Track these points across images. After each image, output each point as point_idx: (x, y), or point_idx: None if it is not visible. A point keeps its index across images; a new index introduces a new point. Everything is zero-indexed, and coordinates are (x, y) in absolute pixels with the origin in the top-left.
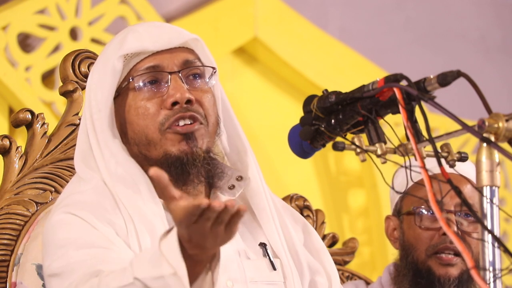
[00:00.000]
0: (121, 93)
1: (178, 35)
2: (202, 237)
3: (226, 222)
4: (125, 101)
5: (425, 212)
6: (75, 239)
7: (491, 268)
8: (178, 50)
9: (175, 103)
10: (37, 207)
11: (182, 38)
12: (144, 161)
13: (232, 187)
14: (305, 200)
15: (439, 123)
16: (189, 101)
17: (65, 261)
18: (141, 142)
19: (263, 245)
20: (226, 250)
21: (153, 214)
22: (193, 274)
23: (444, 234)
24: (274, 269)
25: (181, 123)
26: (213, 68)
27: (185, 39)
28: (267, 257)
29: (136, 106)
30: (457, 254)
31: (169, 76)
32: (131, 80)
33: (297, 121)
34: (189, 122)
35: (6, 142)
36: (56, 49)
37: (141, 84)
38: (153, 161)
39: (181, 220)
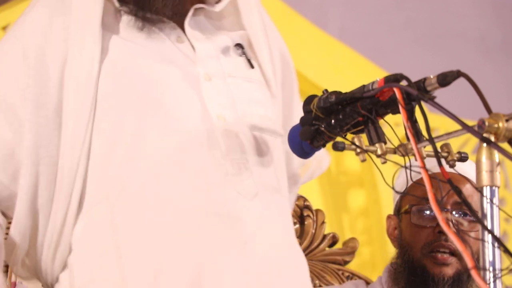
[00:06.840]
0: None
1: None
2: None
3: None
4: None
5: (422, 210)
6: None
7: (491, 268)
8: None
9: None
10: None
11: None
12: None
13: None
14: (305, 200)
15: (439, 123)
16: None
17: None
18: None
19: (239, 46)
20: (205, 45)
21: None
22: None
23: (440, 232)
24: (252, 67)
25: None
26: None
27: None
28: (244, 56)
29: None
30: (452, 253)
31: None
32: None
33: None
34: None
35: None
36: None
37: None
38: None
39: None
